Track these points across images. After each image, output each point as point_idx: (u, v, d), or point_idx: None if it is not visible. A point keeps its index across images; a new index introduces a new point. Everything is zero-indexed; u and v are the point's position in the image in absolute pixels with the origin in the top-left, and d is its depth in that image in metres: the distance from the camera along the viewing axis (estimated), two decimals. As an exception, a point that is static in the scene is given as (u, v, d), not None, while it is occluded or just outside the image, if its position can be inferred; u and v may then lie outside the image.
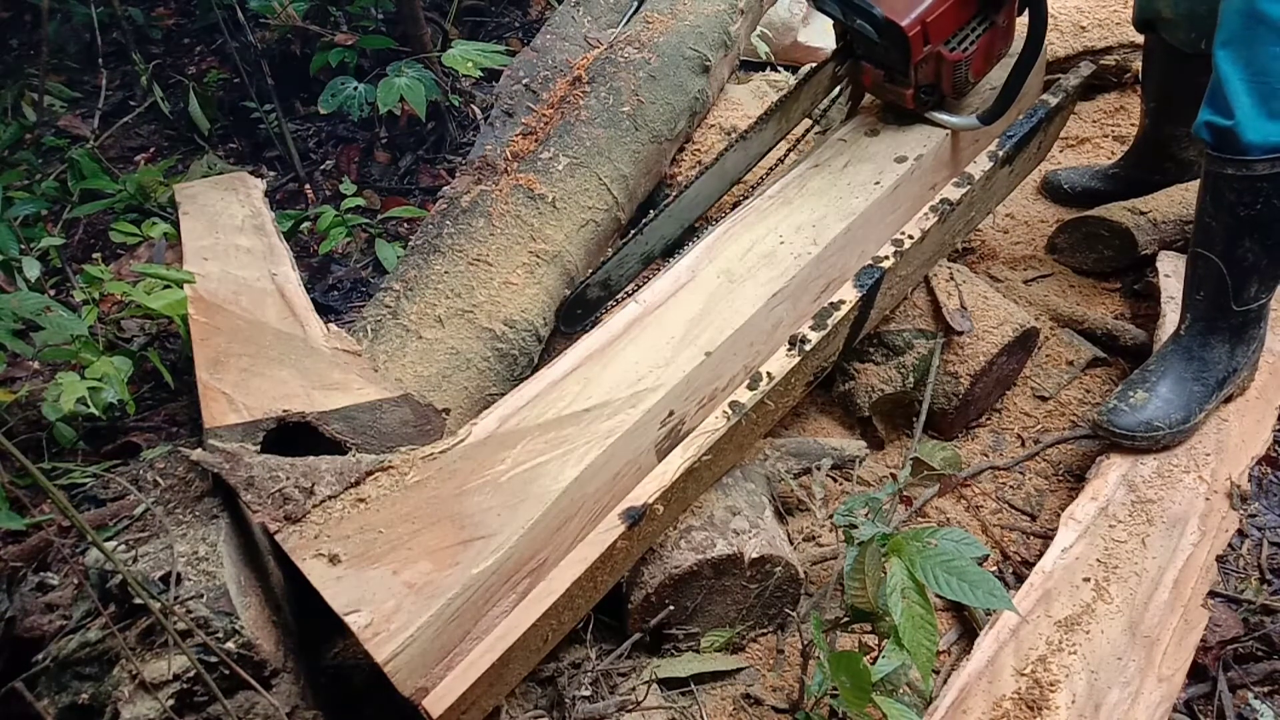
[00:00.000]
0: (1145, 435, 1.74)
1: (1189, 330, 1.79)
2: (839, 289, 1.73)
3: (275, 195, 2.88)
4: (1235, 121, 1.53)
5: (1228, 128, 1.54)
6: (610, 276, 1.97)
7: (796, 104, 1.98)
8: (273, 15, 2.94)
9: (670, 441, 1.55)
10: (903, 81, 1.85)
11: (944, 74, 1.83)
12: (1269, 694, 1.58)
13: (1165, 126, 2.21)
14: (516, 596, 1.34)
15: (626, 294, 1.96)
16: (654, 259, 2.01)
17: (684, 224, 1.99)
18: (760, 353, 1.68)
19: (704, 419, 1.58)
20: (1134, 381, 1.81)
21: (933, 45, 1.78)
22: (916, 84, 1.84)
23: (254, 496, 1.31)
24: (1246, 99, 1.52)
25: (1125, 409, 1.76)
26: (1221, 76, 1.54)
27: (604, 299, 1.99)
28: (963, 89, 1.89)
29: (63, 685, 1.24)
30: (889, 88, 1.89)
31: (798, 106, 1.99)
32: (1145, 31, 2.11)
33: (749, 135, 1.93)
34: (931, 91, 1.86)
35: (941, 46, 1.79)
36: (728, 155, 1.93)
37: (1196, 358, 1.78)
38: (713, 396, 1.61)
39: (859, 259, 1.79)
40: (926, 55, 1.78)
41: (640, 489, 1.45)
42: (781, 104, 1.93)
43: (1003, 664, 1.47)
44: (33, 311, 1.67)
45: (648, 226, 1.91)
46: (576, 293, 1.93)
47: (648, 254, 1.98)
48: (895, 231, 1.81)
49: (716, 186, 1.99)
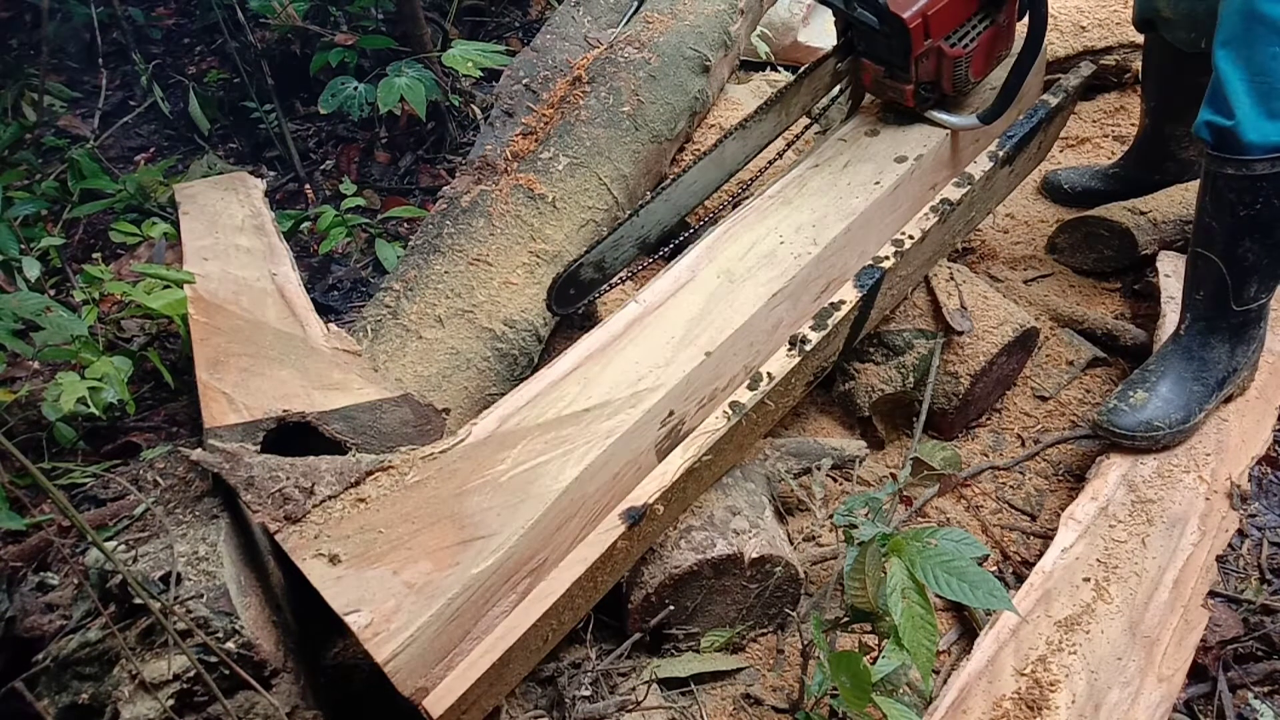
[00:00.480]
0: (1145, 435, 1.75)
1: (1189, 330, 1.79)
2: (839, 289, 1.73)
3: (275, 195, 2.88)
4: (1236, 121, 1.53)
5: (1228, 128, 1.54)
6: (605, 258, 1.92)
7: (796, 97, 1.96)
8: (273, 15, 2.94)
9: (670, 441, 1.55)
10: (903, 77, 1.84)
11: (944, 71, 1.83)
12: (1269, 694, 1.58)
13: (1165, 126, 2.21)
14: (517, 596, 1.34)
15: (621, 279, 1.94)
16: (649, 244, 1.97)
17: (680, 211, 1.96)
18: (760, 353, 1.68)
19: (704, 419, 1.58)
20: (1134, 381, 1.81)
21: (934, 40, 1.78)
22: (917, 80, 1.83)
23: (254, 496, 1.31)
24: (1246, 99, 1.52)
25: (1125, 409, 1.76)
26: (1221, 76, 1.54)
27: (598, 281, 1.94)
28: (963, 87, 1.89)
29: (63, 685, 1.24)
30: (889, 84, 1.89)
31: (797, 100, 1.97)
32: (1145, 31, 2.11)
33: (748, 125, 1.91)
34: (932, 89, 1.86)
35: (942, 42, 1.79)
36: (726, 144, 1.91)
37: (1196, 358, 1.78)
38: (713, 396, 1.61)
39: (859, 259, 1.79)
40: (927, 50, 1.78)
41: (640, 489, 1.45)
42: (781, 95, 1.92)
43: (1003, 664, 1.47)
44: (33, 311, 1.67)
45: (644, 209, 1.88)
46: (569, 270, 1.88)
47: (643, 238, 1.94)
48: (895, 231, 1.81)
49: (714, 176, 1.96)
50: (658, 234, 1.96)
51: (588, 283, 1.92)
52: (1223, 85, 1.54)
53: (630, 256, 1.95)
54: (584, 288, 1.92)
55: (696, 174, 1.91)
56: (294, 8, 2.95)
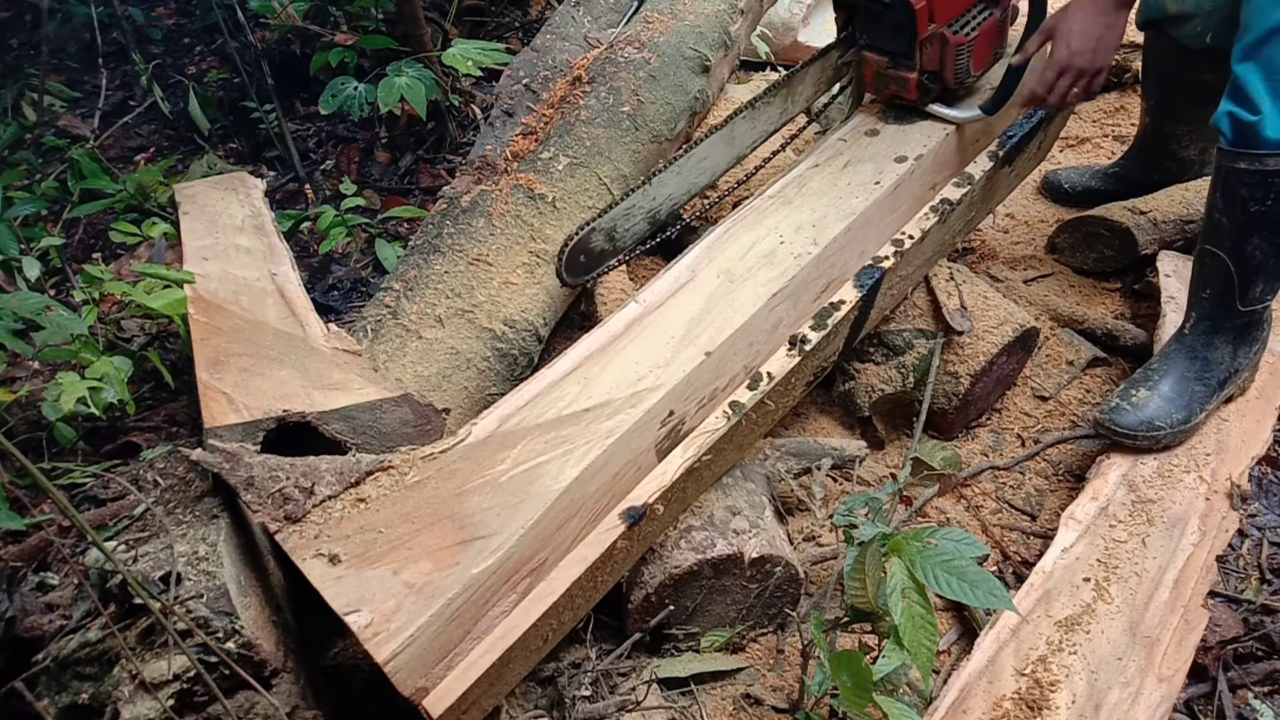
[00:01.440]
0: (1146, 435, 1.75)
1: (1194, 329, 1.79)
2: (839, 289, 1.73)
3: (275, 195, 2.88)
4: (1261, 117, 1.54)
5: (1251, 123, 1.55)
6: (616, 227, 1.92)
7: (801, 85, 1.96)
8: (273, 15, 2.94)
9: (670, 441, 1.55)
10: (906, 65, 1.85)
11: (947, 59, 1.85)
12: (1269, 694, 1.58)
13: (1166, 125, 2.21)
14: (516, 596, 1.34)
15: (630, 256, 1.96)
16: (660, 220, 1.97)
17: (691, 188, 1.96)
18: (760, 353, 1.68)
19: (704, 419, 1.58)
20: (1136, 380, 1.81)
21: (938, 24, 1.80)
22: (921, 69, 1.84)
23: (254, 496, 1.31)
24: (1268, 99, 1.53)
25: (1127, 408, 1.77)
26: (1241, 79, 1.55)
27: (609, 254, 1.95)
28: (963, 78, 1.90)
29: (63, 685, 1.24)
30: (892, 75, 1.89)
31: (802, 89, 1.97)
32: (1147, 30, 2.11)
33: (757, 105, 1.91)
34: (934, 79, 1.87)
35: (945, 28, 1.81)
36: (736, 121, 1.91)
37: (1200, 357, 1.78)
38: (713, 396, 1.61)
39: (859, 259, 1.79)
40: (931, 35, 1.80)
41: (640, 489, 1.45)
42: (788, 80, 1.92)
43: (1003, 664, 1.47)
44: (33, 311, 1.67)
45: (656, 179, 1.89)
46: (581, 234, 1.88)
47: (654, 211, 1.95)
48: (895, 231, 1.81)
49: (723, 154, 1.96)
50: (668, 209, 1.96)
51: (599, 253, 1.92)
52: (1244, 85, 1.54)
53: (641, 231, 1.95)
54: (595, 257, 1.92)
55: (707, 149, 1.91)
56: (294, 8, 2.95)
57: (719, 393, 1.62)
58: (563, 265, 1.86)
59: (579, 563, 1.36)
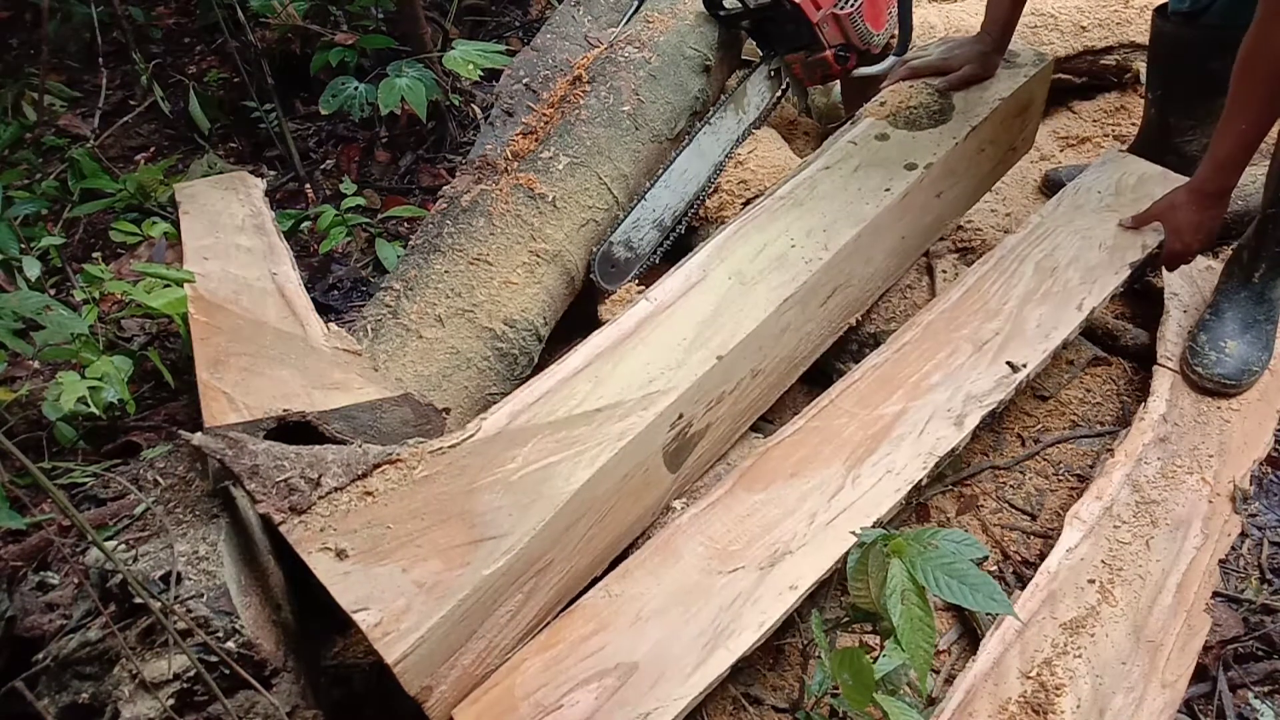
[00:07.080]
0: (1248, 380, 1.84)
1: (1263, 278, 1.87)
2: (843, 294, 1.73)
3: (275, 195, 2.87)
4: None
5: None
6: (630, 239, 2.10)
7: (745, 98, 2.26)
8: (273, 15, 2.94)
9: (678, 444, 1.54)
10: (818, 49, 2.19)
11: (846, 30, 2.19)
12: (1269, 694, 1.58)
13: (1170, 117, 2.21)
14: (523, 597, 1.33)
15: (655, 258, 2.16)
16: (667, 227, 2.16)
17: (684, 196, 2.17)
18: (768, 356, 1.67)
19: (709, 421, 1.57)
20: (1215, 331, 1.88)
21: (824, 8, 2.15)
22: (829, 46, 2.18)
23: (258, 486, 1.28)
24: None
25: (1227, 358, 1.84)
26: None
27: (633, 261, 2.12)
28: (870, 39, 2.19)
29: (63, 685, 1.24)
30: (814, 61, 2.21)
31: (749, 100, 2.27)
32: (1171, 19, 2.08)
33: (713, 120, 2.20)
34: (846, 49, 2.18)
35: (833, 8, 2.17)
36: (700, 136, 2.17)
37: (1267, 300, 1.88)
38: (720, 399, 1.61)
39: (865, 265, 1.80)
40: (823, 17, 2.15)
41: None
42: (732, 95, 2.23)
43: (1008, 666, 1.47)
44: (33, 311, 1.67)
45: (649, 193, 2.11)
46: (603, 250, 2.07)
47: (659, 220, 2.14)
48: (901, 239, 1.81)
49: (700, 165, 2.19)
50: (670, 217, 2.16)
51: (624, 260, 2.12)
52: None
53: (654, 238, 2.15)
54: (622, 265, 2.12)
55: (684, 162, 2.15)
56: (294, 7, 2.95)
57: (726, 395, 1.62)
58: (598, 275, 2.06)
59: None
